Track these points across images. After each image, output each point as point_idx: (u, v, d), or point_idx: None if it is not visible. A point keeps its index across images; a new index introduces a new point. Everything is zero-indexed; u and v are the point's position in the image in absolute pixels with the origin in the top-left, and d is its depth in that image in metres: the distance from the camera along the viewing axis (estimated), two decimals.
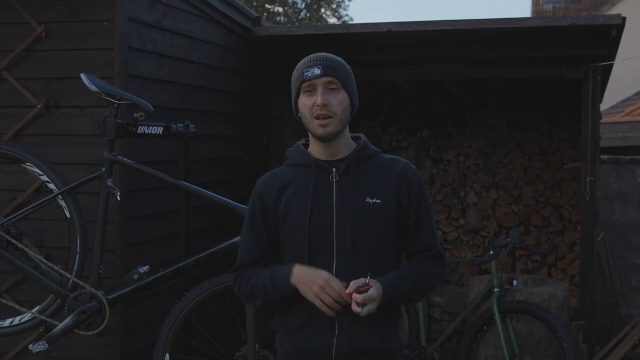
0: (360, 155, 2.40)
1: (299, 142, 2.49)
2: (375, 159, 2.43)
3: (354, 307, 2.21)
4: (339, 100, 2.34)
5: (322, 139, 2.35)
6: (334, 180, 2.37)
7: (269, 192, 2.42)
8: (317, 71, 2.33)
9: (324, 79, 2.33)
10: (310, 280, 2.26)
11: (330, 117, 2.32)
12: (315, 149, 2.42)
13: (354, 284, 2.22)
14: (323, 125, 2.32)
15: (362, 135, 2.49)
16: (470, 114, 6.80)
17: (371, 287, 2.21)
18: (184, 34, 4.43)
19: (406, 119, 6.99)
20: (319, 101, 2.31)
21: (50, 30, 3.88)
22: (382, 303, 2.26)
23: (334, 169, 2.38)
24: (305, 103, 2.35)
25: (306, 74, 2.34)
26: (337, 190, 2.36)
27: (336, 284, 2.23)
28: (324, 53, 2.39)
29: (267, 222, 2.42)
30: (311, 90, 2.35)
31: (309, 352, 2.36)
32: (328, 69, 2.33)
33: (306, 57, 2.39)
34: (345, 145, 2.41)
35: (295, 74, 2.41)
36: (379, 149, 2.48)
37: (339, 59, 2.40)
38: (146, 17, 4.01)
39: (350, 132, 2.45)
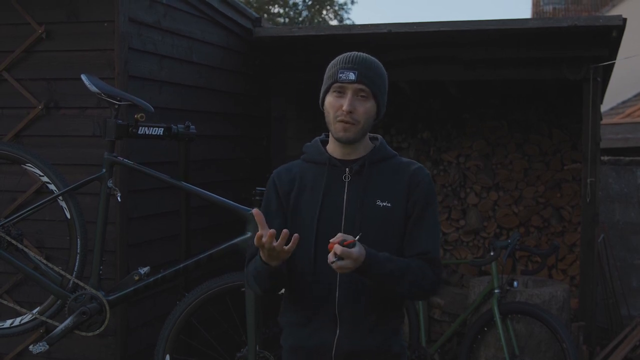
0: (374, 156, 2.38)
1: (317, 138, 2.47)
2: (390, 162, 2.41)
3: (330, 256, 2.13)
4: (366, 109, 2.31)
5: (340, 142, 2.34)
6: (347, 180, 2.35)
7: (283, 183, 2.41)
8: (351, 76, 2.29)
9: (356, 85, 2.29)
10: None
11: (353, 124, 2.30)
12: (332, 146, 2.40)
13: (340, 236, 2.16)
14: (344, 130, 2.30)
15: (379, 136, 2.46)
16: (470, 115, 6.80)
17: (355, 247, 2.14)
18: (184, 35, 4.43)
19: (407, 120, 6.99)
20: (345, 107, 2.28)
21: (50, 31, 3.88)
22: (360, 273, 2.19)
23: (347, 169, 2.36)
24: (333, 103, 2.32)
25: (340, 75, 2.30)
26: (348, 190, 2.34)
27: (263, 231, 2.13)
28: (363, 55, 2.35)
29: (280, 213, 2.39)
30: (341, 92, 2.31)
31: (310, 348, 2.36)
32: (363, 77, 2.29)
33: (345, 55, 2.35)
34: (362, 146, 2.39)
35: (330, 69, 2.36)
36: (396, 152, 2.45)
37: (377, 65, 2.37)
38: (146, 18, 4.01)
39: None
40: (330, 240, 2.14)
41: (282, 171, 2.46)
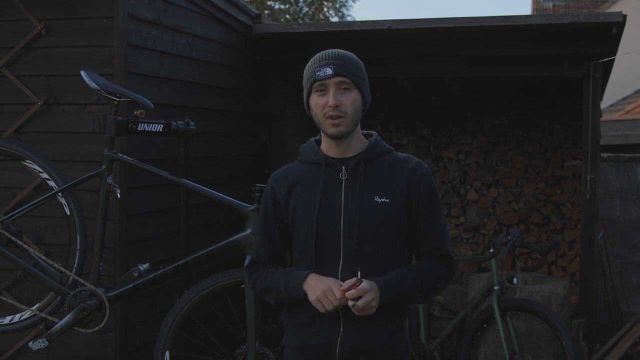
0: (370, 153, 2.39)
1: (312, 138, 2.48)
2: (386, 157, 2.41)
3: (349, 303, 2.21)
4: (351, 100, 2.32)
5: (333, 137, 2.34)
6: (344, 178, 2.36)
7: (280, 187, 2.42)
8: (329, 71, 2.30)
9: (336, 79, 2.30)
10: (316, 285, 2.26)
11: (342, 117, 2.30)
12: (326, 146, 2.41)
13: (346, 283, 2.22)
14: (335, 125, 2.31)
15: (374, 132, 2.47)
16: (470, 113, 6.80)
17: (362, 282, 2.22)
18: (184, 31, 4.42)
19: (406, 117, 6.99)
20: (331, 102, 2.29)
21: (50, 27, 3.87)
22: (382, 303, 2.25)
23: (343, 167, 2.36)
24: (318, 102, 2.33)
25: (318, 73, 2.31)
26: (346, 188, 2.35)
27: (338, 292, 2.23)
28: (336, 50, 2.36)
29: (279, 218, 2.43)
30: (323, 90, 2.32)
31: (314, 347, 2.37)
32: (340, 69, 2.30)
33: (318, 55, 2.36)
34: (357, 142, 2.40)
35: (307, 72, 2.37)
36: (392, 147, 2.45)
37: (351, 56, 2.38)
38: (146, 14, 4.01)
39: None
40: (339, 296, 2.22)
41: (279, 175, 2.47)
